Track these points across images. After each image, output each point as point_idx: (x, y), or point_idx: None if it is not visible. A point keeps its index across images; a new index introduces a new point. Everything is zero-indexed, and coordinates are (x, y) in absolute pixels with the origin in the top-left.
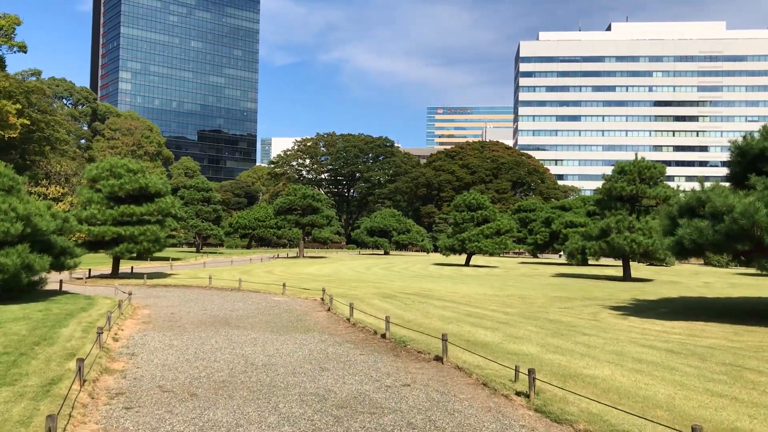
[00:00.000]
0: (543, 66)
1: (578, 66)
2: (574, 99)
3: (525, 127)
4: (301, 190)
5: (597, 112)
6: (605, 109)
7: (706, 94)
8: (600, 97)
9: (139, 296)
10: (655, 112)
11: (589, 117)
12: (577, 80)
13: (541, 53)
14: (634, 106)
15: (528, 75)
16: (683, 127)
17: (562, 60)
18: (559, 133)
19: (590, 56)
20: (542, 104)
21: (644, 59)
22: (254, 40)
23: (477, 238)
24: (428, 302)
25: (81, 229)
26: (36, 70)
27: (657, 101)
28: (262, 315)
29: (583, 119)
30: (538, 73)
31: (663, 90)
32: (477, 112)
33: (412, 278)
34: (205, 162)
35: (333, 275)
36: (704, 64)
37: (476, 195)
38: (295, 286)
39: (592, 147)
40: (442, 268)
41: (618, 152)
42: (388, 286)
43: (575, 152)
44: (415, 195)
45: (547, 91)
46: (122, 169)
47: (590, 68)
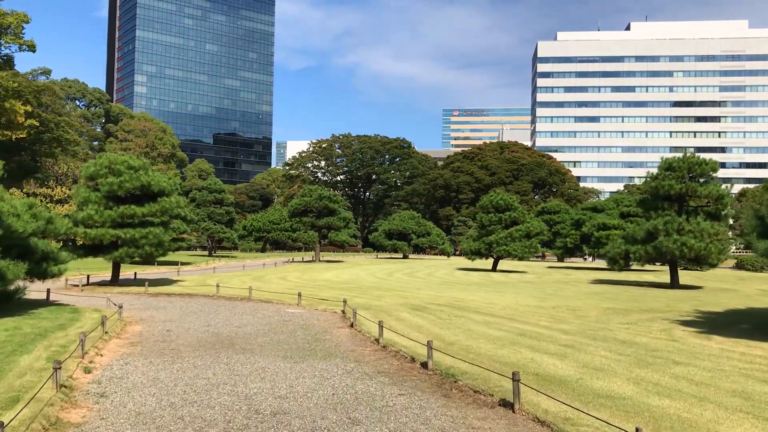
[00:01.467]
0: (561, 66)
1: (597, 66)
2: (593, 100)
3: (543, 129)
4: (316, 191)
5: (616, 113)
6: (624, 110)
7: (728, 94)
8: (619, 97)
9: (137, 307)
10: (675, 113)
11: (608, 118)
12: (595, 81)
13: (559, 53)
14: (654, 107)
15: (546, 75)
16: (704, 128)
17: (581, 60)
18: (577, 135)
19: (609, 56)
20: (560, 105)
21: (664, 59)
22: (269, 43)
23: (505, 241)
24: (466, 316)
25: (76, 232)
26: (46, 69)
27: (677, 102)
28: (273, 333)
29: (602, 120)
30: (556, 73)
31: (684, 90)
32: (493, 113)
33: (439, 286)
34: (221, 165)
35: (352, 282)
36: (726, 64)
37: (504, 195)
38: (312, 296)
39: (611, 148)
40: (469, 273)
41: (638, 154)
42: (415, 296)
43: (594, 154)
44: (433, 197)
45: (566, 92)
46: (122, 165)
47: (609, 68)
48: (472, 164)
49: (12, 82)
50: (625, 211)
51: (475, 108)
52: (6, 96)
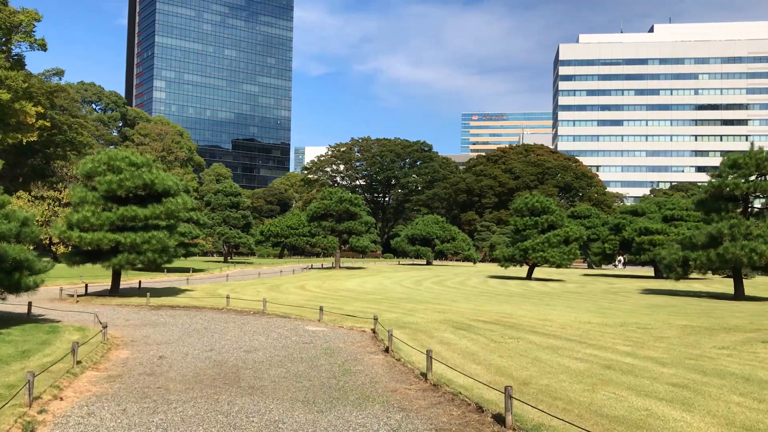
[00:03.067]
0: (583, 69)
1: (620, 69)
2: (616, 103)
3: (565, 132)
4: (337, 194)
5: (640, 116)
6: (648, 113)
7: (756, 97)
8: (643, 100)
9: (132, 323)
10: (701, 116)
11: (632, 121)
12: (618, 83)
13: (581, 56)
14: (679, 110)
15: (568, 78)
16: (731, 131)
17: (603, 63)
18: (600, 138)
19: (632, 59)
20: (582, 108)
21: (689, 61)
22: (288, 48)
23: (542, 247)
24: (524, 338)
25: (71, 236)
26: (59, 70)
27: (703, 104)
28: (291, 361)
29: (626, 124)
30: (578, 76)
31: (709, 93)
32: (513, 118)
33: (477, 297)
34: (239, 170)
35: (379, 292)
36: (753, 66)
37: (540, 197)
38: (335, 309)
39: (635, 152)
40: (505, 282)
41: (662, 158)
42: (454, 309)
43: (617, 158)
44: (455, 201)
45: (588, 95)
46: (123, 162)
47: (632, 71)
48: (495, 167)
49: (22, 82)
50: (669, 214)
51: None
52: (16, 97)
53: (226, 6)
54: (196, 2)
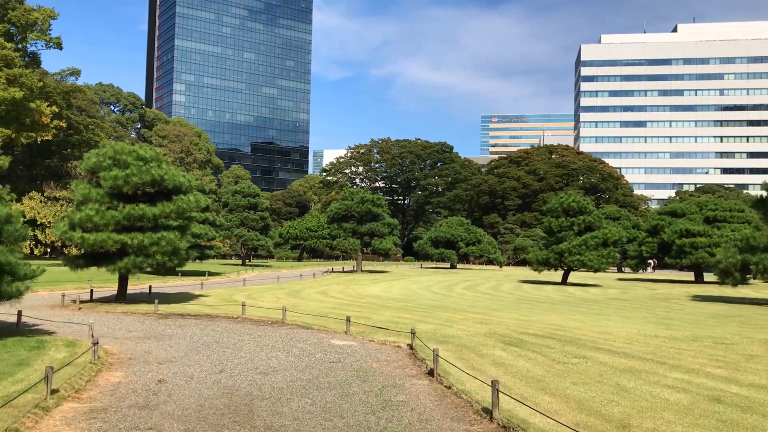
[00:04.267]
0: (605, 70)
1: (643, 69)
2: (639, 104)
3: (587, 134)
4: (358, 194)
5: (663, 117)
6: (672, 114)
7: None
8: (667, 101)
9: (135, 335)
10: (726, 117)
11: (656, 123)
12: (642, 84)
13: (603, 57)
14: (704, 111)
15: (590, 79)
16: (758, 132)
17: (626, 63)
18: (623, 140)
19: (656, 59)
20: (605, 110)
21: (714, 61)
22: (306, 51)
23: (579, 249)
24: (591, 357)
25: (72, 237)
26: (75, 70)
27: (729, 105)
28: (316, 388)
29: (649, 125)
30: (600, 77)
31: (735, 93)
32: (533, 120)
33: (516, 304)
34: (258, 173)
35: (408, 299)
36: None
37: (576, 196)
38: (363, 319)
39: (658, 154)
40: (540, 287)
41: (686, 159)
42: (496, 320)
43: (641, 160)
44: (477, 203)
45: (610, 96)
46: (130, 156)
47: (656, 71)
48: (518, 169)
49: (38, 81)
50: (711, 215)
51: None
52: (31, 96)
53: (246, 9)
54: (215, 6)
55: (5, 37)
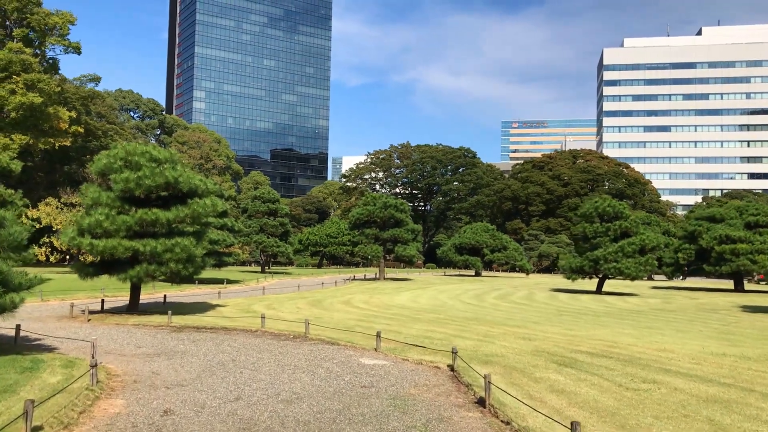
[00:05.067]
0: (628, 74)
1: (667, 73)
2: (663, 108)
3: (610, 139)
4: (381, 199)
5: (688, 121)
6: (697, 118)
7: None
8: (691, 105)
9: (144, 352)
10: (753, 121)
11: (680, 127)
12: (665, 88)
13: (626, 61)
14: (730, 115)
15: (612, 84)
16: None
17: (650, 67)
18: (647, 145)
19: (680, 63)
20: (628, 114)
21: (740, 64)
22: (326, 57)
23: (615, 257)
24: (662, 382)
25: (81, 243)
26: (95, 76)
27: (755, 109)
28: (348, 423)
29: (674, 129)
30: (623, 81)
31: (762, 97)
32: (554, 125)
33: (556, 316)
34: (277, 180)
35: (438, 309)
36: None
37: (611, 201)
38: (393, 333)
39: (683, 159)
40: (575, 297)
41: (712, 164)
42: (540, 335)
43: (665, 165)
44: (499, 209)
45: (634, 101)
46: (142, 157)
47: (680, 75)
48: (542, 174)
49: (56, 86)
50: (753, 220)
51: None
52: (49, 101)
53: (265, 16)
54: (235, 13)
55: (24, 42)
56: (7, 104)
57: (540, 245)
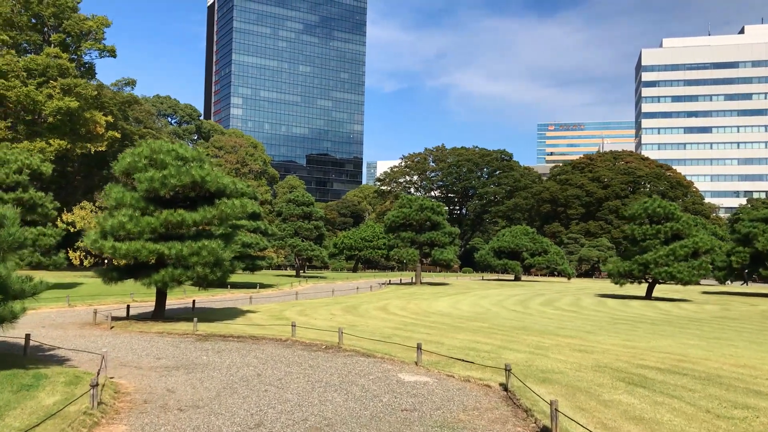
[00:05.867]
0: (668, 75)
1: (708, 73)
2: (704, 109)
3: (649, 141)
4: (417, 201)
5: (731, 122)
6: (740, 119)
7: None
8: (734, 106)
9: (163, 364)
10: None
11: (722, 128)
12: (707, 89)
13: (665, 61)
14: None
15: (651, 85)
16: None
17: (690, 67)
18: (687, 147)
19: (722, 62)
20: (668, 116)
21: None
22: (360, 63)
23: (666, 260)
24: (756, 407)
25: (103, 246)
26: (131, 80)
27: None
28: None
29: (715, 131)
30: (662, 82)
31: None
32: (591, 128)
33: (611, 325)
34: (312, 184)
35: (481, 317)
36: None
37: (662, 201)
38: (434, 344)
39: (725, 161)
40: (625, 303)
41: (756, 166)
42: (598, 346)
43: (706, 167)
44: (537, 212)
45: (673, 102)
46: (168, 155)
47: (722, 75)
48: (581, 176)
49: (92, 91)
50: None
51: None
52: (86, 106)
53: (301, 23)
54: (272, 20)
55: (60, 47)
56: (45, 109)
57: (580, 249)
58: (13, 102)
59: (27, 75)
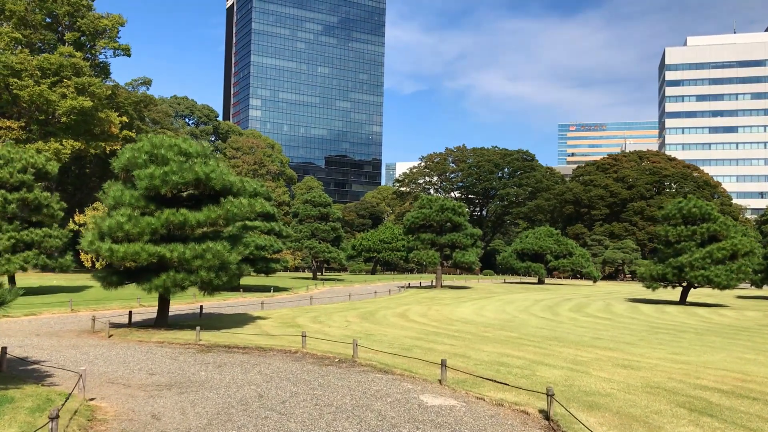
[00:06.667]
0: (692, 73)
1: (734, 72)
2: (730, 108)
3: (673, 141)
4: (438, 201)
5: (758, 122)
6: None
7: None
8: (761, 105)
9: (155, 381)
10: None
11: (748, 128)
12: (732, 87)
13: (689, 60)
14: None
15: (675, 84)
16: None
17: (715, 66)
18: (712, 147)
19: (748, 60)
20: (692, 115)
21: None
22: (379, 63)
23: (703, 263)
24: None
25: (99, 249)
26: (146, 79)
27: None
28: None
29: (741, 130)
30: (686, 81)
31: None
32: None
33: (653, 335)
34: (331, 186)
35: (509, 325)
36: None
37: (697, 201)
38: (459, 358)
39: (752, 161)
40: (659, 309)
41: None
42: (644, 362)
43: (732, 167)
44: (560, 213)
45: (698, 101)
46: (170, 151)
47: (748, 74)
48: (605, 176)
49: (107, 90)
50: None
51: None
52: (100, 105)
53: (320, 24)
54: (290, 22)
55: (75, 46)
56: (58, 108)
57: (604, 251)
58: (27, 101)
59: (41, 74)
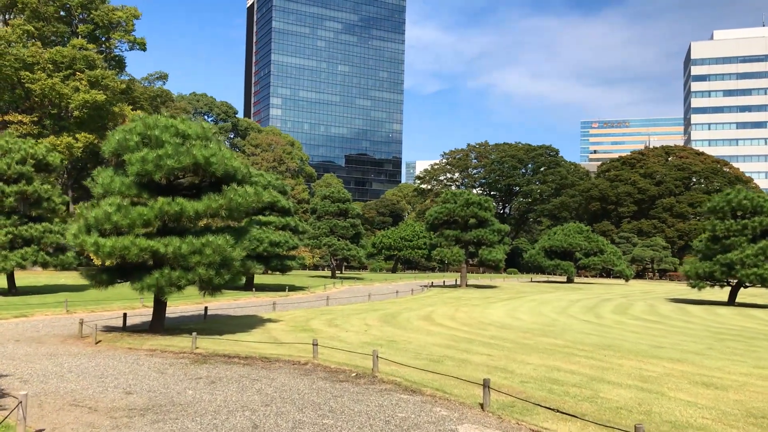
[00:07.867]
0: (719, 68)
1: (763, 66)
2: (759, 103)
3: (699, 137)
4: (462, 196)
5: None
6: None
7: None
8: None
9: (130, 403)
10: None
11: None
12: (761, 82)
13: (716, 54)
14: None
15: (701, 79)
16: None
17: (743, 60)
18: (740, 142)
19: None
20: (719, 110)
21: None
22: (399, 61)
23: (756, 260)
24: None
25: (85, 242)
26: (162, 74)
27: None
28: None
29: None
30: (713, 76)
31: None
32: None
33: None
34: (351, 184)
35: (549, 330)
36: None
37: (748, 192)
38: (500, 373)
39: None
40: (707, 310)
41: None
42: (726, 378)
43: (761, 163)
44: (586, 210)
45: (725, 96)
46: (166, 132)
47: None
48: (632, 172)
49: (120, 83)
50: None
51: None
52: (114, 99)
53: (340, 23)
54: (311, 21)
55: (88, 39)
56: (71, 102)
57: (632, 248)
58: (38, 95)
59: (53, 67)
